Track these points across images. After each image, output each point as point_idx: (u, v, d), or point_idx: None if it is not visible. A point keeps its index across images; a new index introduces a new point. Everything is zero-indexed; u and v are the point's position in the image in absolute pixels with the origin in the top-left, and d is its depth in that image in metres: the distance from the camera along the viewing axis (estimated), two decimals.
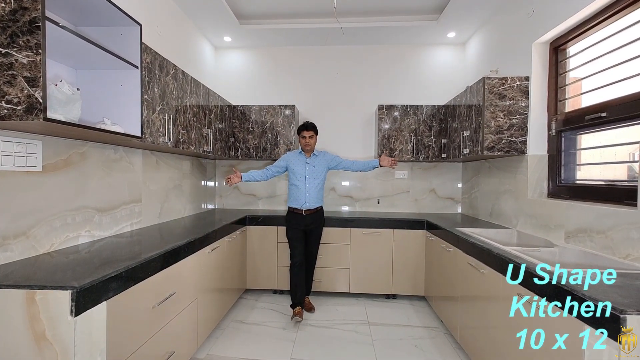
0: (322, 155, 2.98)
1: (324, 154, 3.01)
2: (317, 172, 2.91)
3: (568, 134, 2.21)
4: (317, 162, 2.93)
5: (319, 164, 2.94)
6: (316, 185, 2.90)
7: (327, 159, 2.98)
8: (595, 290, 1.16)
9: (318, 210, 2.94)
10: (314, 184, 2.89)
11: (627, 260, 1.56)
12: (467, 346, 2.14)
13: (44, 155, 1.60)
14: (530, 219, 2.33)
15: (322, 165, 2.94)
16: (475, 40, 3.38)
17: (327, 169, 2.98)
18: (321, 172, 2.94)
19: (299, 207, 2.87)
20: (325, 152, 3.03)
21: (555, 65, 2.30)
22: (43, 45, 1.22)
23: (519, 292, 1.51)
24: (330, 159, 2.99)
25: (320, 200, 2.95)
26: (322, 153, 3.00)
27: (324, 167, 2.95)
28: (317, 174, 2.91)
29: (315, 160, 2.93)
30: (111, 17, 1.67)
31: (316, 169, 2.92)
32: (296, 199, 2.89)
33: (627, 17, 1.76)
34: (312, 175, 2.90)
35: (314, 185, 2.89)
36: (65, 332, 1.14)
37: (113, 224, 2.09)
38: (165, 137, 2.18)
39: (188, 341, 2.00)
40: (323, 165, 2.95)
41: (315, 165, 2.92)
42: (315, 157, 2.95)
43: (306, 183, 2.89)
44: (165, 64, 2.18)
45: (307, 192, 2.88)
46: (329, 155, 3.02)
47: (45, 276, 1.26)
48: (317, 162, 2.94)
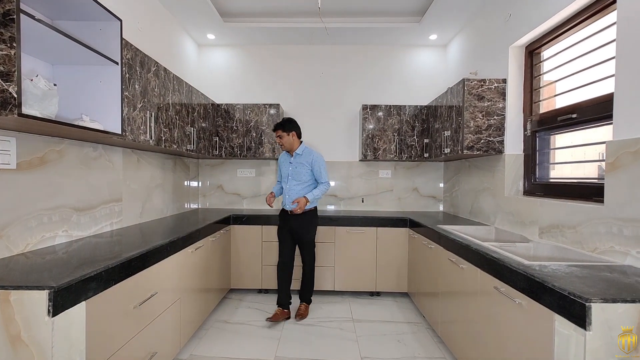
0: (307, 155, 2.77)
1: (309, 153, 2.79)
2: (299, 173, 2.74)
3: (542, 134, 2.30)
4: (299, 162, 2.76)
5: (302, 164, 2.75)
6: (297, 185, 2.74)
7: (310, 160, 2.75)
8: (564, 281, 1.23)
9: (304, 212, 2.75)
10: (294, 184, 2.75)
11: (595, 253, 1.65)
12: (447, 340, 2.20)
13: (19, 152, 1.55)
14: (507, 216, 2.41)
15: (304, 166, 2.74)
16: (456, 42, 3.47)
17: (311, 169, 2.76)
18: (304, 173, 2.74)
19: (283, 206, 2.83)
20: (312, 152, 2.80)
21: (531, 68, 2.40)
22: (18, 39, 1.19)
23: (496, 285, 1.57)
24: (313, 163, 2.75)
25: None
26: (307, 152, 2.79)
27: (306, 167, 2.74)
28: (298, 175, 2.74)
29: (297, 160, 2.77)
30: (90, 12, 1.63)
31: (298, 169, 2.74)
32: (283, 198, 2.86)
33: (597, 23, 1.86)
34: (294, 176, 2.76)
35: (295, 185, 2.75)
36: (42, 333, 1.11)
37: (92, 223, 2.04)
38: (147, 135, 2.15)
39: (171, 341, 1.98)
40: (305, 166, 2.74)
41: (297, 166, 2.75)
42: (299, 157, 2.77)
43: (287, 183, 2.79)
44: (147, 61, 2.15)
45: (287, 194, 2.78)
46: (314, 158, 2.76)
47: (20, 277, 1.22)
48: (299, 161, 2.76)
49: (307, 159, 2.76)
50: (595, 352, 1.07)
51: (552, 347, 1.18)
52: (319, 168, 2.76)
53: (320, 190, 2.76)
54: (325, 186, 2.78)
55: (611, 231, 1.56)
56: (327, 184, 2.80)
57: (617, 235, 1.53)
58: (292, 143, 2.75)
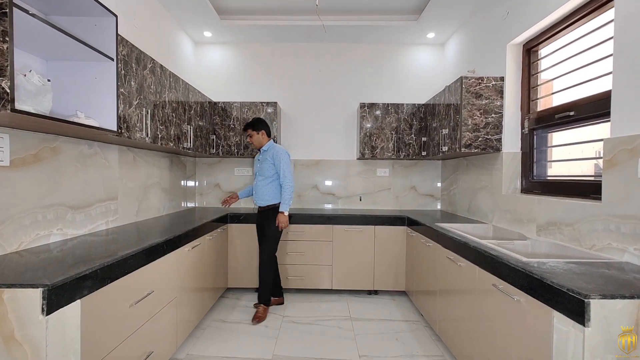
0: (271, 150, 2.81)
1: (272, 147, 2.82)
2: (264, 168, 2.80)
3: (540, 132, 2.31)
4: (264, 158, 2.82)
5: (266, 159, 2.80)
6: (262, 180, 2.80)
7: (272, 154, 2.78)
8: (563, 277, 1.23)
9: (269, 209, 2.81)
10: (260, 179, 2.82)
11: (592, 250, 1.65)
12: (445, 337, 2.20)
13: (12, 149, 1.52)
14: (505, 214, 2.42)
15: (268, 161, 2.78)
16: (454, 41, 3.47)
17: (273, 163, 2.78)
18: (267, 168, 2.78)
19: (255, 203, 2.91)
20: (275, 147, 2.83)
21: (528, 66, 2.40)
22: (10, 33, 1.16)
23: (494, 282, 1.57)
24: (274, 157, 2.77)
25: (271, 198, 2.80)
26: (271, 147, 2.83)
27: (269, 162, 2.78)
28: (263, 170, 2.80)
29: (263, 156, 2.83)
30: (84, 7, 1.61)
31: (263, 165, 2.81)
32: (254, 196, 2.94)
33: (594, 21, 1.86)
34: (260, 172, 2.83)
35: (260, 181, 2.82)
36: (36, 332, 1.09)
37: (87, 221, 2.02)
38: (143, 132, 2.12)
39: (167, 341, 1.96)
40: (268, 161, 2.79)
41: (263, 162, 2.82)
42: (265, 153, 2.83)
43: (255, 180, 2.89)
44: (143, 57, 2.12)
45: (255, 190, 2.88)
46: (276, 152, 2.77)
47: (13, 275, 1.20)
48: (264, 157, 2.82)
49: (270, 154, 2.80)
50: (594, 349, 1.06)
51: (550, 344, 1.18)
52: (280, 162, 2.75)
53: (288, 195, 2.75)
54: (289, 188, 2.76)
55: (609, 228, 1.57)
56: (290, 185, 2.76)
57: (615, 232, 1.53)
58: (261, 141, 2.83)
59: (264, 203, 2.82)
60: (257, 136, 2.81)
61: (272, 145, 2.85)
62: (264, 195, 2.81)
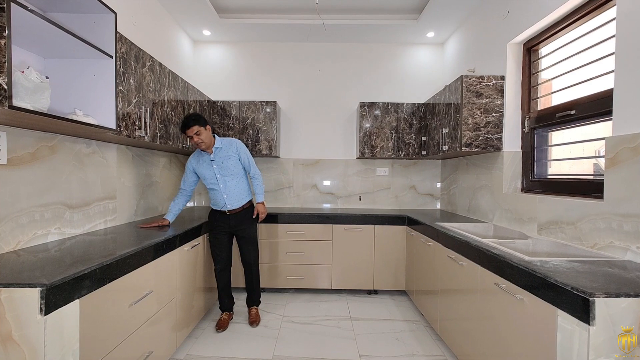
0: (228, 145, 2.49)
1: (229, 142, 2.51)
2: (229, 167, 2.45)
3: (540, 131, 2.30)
4: (224, 156, 2.45)
5: (228, 156, 2.46)
6: (233, 179, 2.48)
7: (235, 148, 2.49)
8: (566, 276, 1.22)
9: (245, 209, 2.56)
10: (230, 180, 2.47)
11: (594, 249, 1.65)
12: (446, 337, 2.19)
13: (9, 147, 1.51)
14: (506, 213, 2.41)
15: (231, 157, 2.46)
16: (454, 40, 3.47)
17: (238, 158, 2.50)
18: (233, 165, 2.47)
19: (219, 209, 2.53)
20: (232, 140, 2.53)
21: (529, 65, 2.40)
22: (8, 29, 1.15)
23: (496, 281, 1.56)
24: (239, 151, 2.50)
25: (245, 196, 2.56)
26: (226, 142, 2.50)
27: (233, 158, 2.47)
28: (228, 169, 2.45)
29: (220, 155, 2.45)
30: (83, 4, 1.59)
31: (225, 163, 2.45)
32: (216, 202, 2.52)
33: (594, 20, 1.86)
34: (224, 173, 2.45)
35: (230, 182, 2.47)
36: (34, 332, 1.07)
37: (85, 221, 2.00)
38: (142, 130, 2.11)
39: (166, 341, 1.94)
40: (232, 157, 2.47)
41: (223, 160, 2.45)
42: (220, 150, 2.46)
43: (219, 184, 2.45)
44: (142, 55, 2.11)
45: (225, 194, 2.47)
46: (238, 145, 2.52)
47: (11, 274, 1.18)
48: (224, 155, 2.46)
49: (231, 149, 2.49)
50: (599, 347, 1.06)
51: (554, 343, 1.17)
52: (246, 156, 2.55)
53: (261, 184, 2.64)
54: (260, 179, 2.64)
55: (611, 227, 1.56)
56: (260, 175, 2.64)
57: (617, 231, 1.53)
58: (211, 138, 2.43)
59: (239, 204, 2.52)
60: (206, 133, 2.36)
61: (227, 140, 2.53)
62: (238, 195, 2.51)
